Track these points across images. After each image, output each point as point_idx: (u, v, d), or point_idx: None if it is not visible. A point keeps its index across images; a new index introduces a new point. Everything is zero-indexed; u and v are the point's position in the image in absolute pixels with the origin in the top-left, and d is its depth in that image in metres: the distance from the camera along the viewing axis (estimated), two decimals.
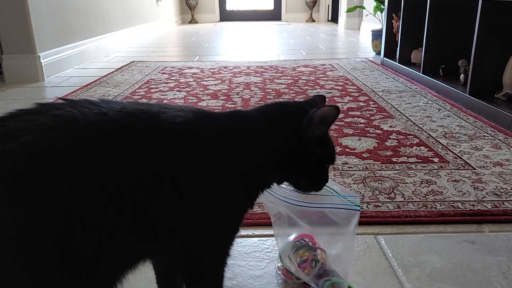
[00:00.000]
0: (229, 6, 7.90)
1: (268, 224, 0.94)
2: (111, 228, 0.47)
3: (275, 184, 0.68)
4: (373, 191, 1.12)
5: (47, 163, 0.43)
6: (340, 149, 1.41)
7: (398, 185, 1.15)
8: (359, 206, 0.71)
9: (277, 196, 0.73)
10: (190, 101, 2.09)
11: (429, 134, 1.56)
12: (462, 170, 1.24)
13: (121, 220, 0.48)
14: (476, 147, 1.42)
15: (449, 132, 1.58)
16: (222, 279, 0.64)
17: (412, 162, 1.30)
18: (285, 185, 0.73)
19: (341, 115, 1.79)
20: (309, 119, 0.59)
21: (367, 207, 1.03)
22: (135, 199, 0.48)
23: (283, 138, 0.60)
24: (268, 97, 2.15)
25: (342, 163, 1.30)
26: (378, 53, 3.45)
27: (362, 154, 1.37)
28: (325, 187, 0.68)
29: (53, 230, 0.43)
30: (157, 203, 0.50)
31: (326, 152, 0.63)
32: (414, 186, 1.14)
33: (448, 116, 1.77)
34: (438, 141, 1.48)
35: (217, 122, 0.59)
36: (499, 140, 1.48)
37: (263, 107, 0.65)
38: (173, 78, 2.63)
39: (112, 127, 0.49)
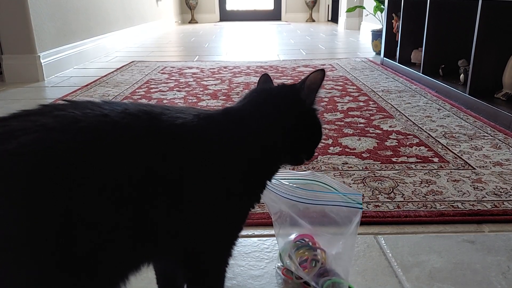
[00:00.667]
0: (229, 6, 7.90)
1: (268, 224, 0.94)
2: (111, 228, 0.47)
3: (276, 181, 0.69)
4: (373, 191, 1.12)
5: (47, 163, 0.43)
6: (340, 149, 1.41)
7: (398, 185, 1.15)
8: (361, 204, 0.71)
9: (279, 194, 0.73)
10: (190, 101, 2.09)
11: (429, 134, 1.56)
12: (462, 170, 1.24)
13: (121, 221, 0.48)
14: (476, 147, 1.42)
15: (449, 132, 1.58)
16: (223, 279, 0.64)
17: (412, 162, 1.30)
18: (286, 182, 0.74)
19: (341, 115, 1.79)
20: (307, 90, 0.64)
21: (367, 207, 1.03)
22: (135, 199, 0.48)
23: (283, 124, 0.63)
24: None
25: (342, 163, 1.30)
26: (378, 53, 3.45)
27: (362, 154, 1.37)
28: (325, 185, 0.68)
29: (53, 230, 0.43)
30: (157, 203, 0.50)
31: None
32: (414, 186, 1.14)
33: (448, 116, 1.77)
34: (438, 141, 1.48)
35: (218, 122, 0.59)
36: (499, 140, 1.48)
37: (253, 100, 0.65)
38: (173, 78, 2.63)
39: (113, 128, 0.49)
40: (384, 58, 3.00)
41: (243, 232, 0.63)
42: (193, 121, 0.56)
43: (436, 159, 1.32)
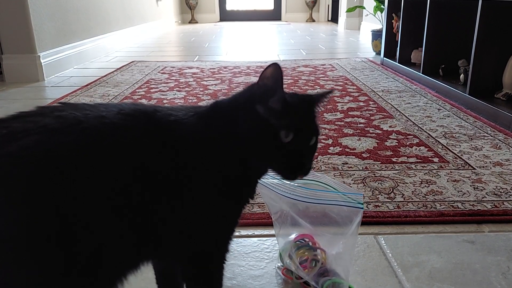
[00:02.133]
0: (229, 6, 7.89)
1: (268, 224, 0.94)
2: (111, 229, 0.47)
3: (277, 180, 0.69)
4: (373, 191, 1.12)
5: (47, 166, 0.43)
6: (340, 149, 1.42)
7: (398, 185, 1.15)
8: (362, 203, 0.71)
9: (280, 193, 0.73)
10: (190, 101, 2.09)
11: (429, 134, 1.56)
12: (462, 170, 1.24)
13: (121, 222, 0.48)
14: (476, 147, 1.42)
15: (449, 132, 1.58)
16: (222, 276, 0.64)
17: (412, 162, 1.30)
18: (287, 181, 0.73)
19: (341, 115, 1.79)
20: (259, 83, 0.55)
21: (367, 207, 1.03)
22: (136, 200, 0.48)
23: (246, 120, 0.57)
24: None
25: (342, 163, 1.30)
26: (378, 53, 3.45)
27: (362, 154, 1.37)
28: (325, 185, 0.68)
29: (53, 232, 0.43)
30: (157, 202, 0.50)
31: (286, 121, 0.53)
32: (414, 186, 1.14)
33: (448, 116, 1.77)
34: (438, 141, 1.48)
35: (213, 120, 0.58)
36: (499, 140, 1.48)
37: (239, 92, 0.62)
38: (173, 78, 2.63)
39: (114, 129, 0.49)
40: (384, 58, 3.00)
41: (243, 232, 0.63)
42: (184, 119, 0.55)
43: (436, 159, 1.32)
